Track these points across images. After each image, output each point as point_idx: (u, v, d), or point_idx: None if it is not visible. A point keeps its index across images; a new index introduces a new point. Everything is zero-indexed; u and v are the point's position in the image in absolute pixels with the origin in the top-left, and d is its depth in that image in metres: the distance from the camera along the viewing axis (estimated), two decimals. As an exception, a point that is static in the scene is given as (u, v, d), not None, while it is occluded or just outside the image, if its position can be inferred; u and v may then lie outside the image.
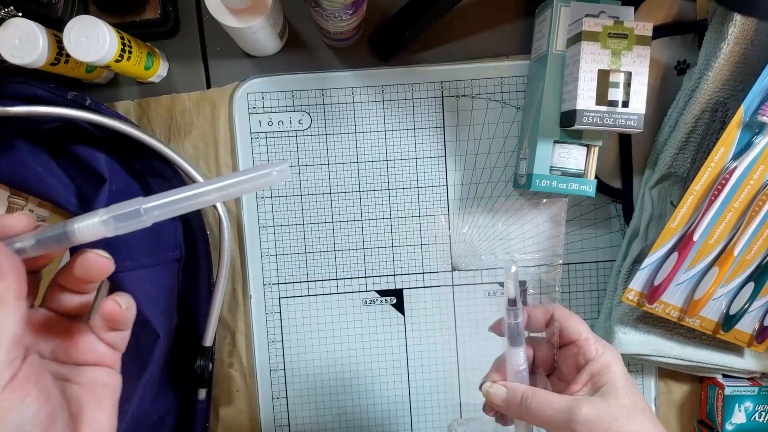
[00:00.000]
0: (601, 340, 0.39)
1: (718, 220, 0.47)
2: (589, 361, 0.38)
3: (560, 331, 0.40)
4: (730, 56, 0.47)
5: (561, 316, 0.40)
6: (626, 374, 0.38)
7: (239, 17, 0.43)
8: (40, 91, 0.47)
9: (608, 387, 0.37)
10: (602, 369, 0.38)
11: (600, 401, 0.36)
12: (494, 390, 0.40)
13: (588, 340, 0.39)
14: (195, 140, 0.54)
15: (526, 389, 0.38)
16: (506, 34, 0.54)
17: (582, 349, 0.39)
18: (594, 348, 0.39)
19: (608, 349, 0.39)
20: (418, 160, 0.54)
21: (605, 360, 0.38)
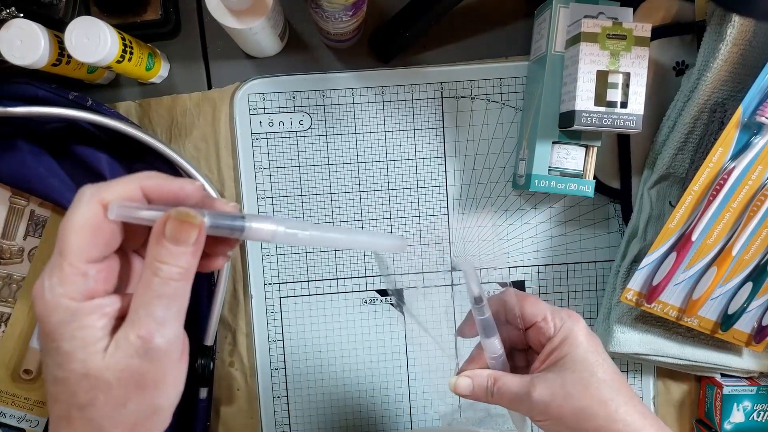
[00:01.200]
0: (560, 313, 0.38)
1: (716, 220, 0.47)
2: (548, 338, 0.38)
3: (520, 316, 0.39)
4: (729, 57, 0.48)
5: (516, 303, 0.39)
6: (587, 344, 0.37)
7: (240, 18, 0.43)
8: (42, 92, 0.48)
9: (565, 360, 0.36)
10: (560, 343, 0.37)
11: (555, 377, 0.36)
12: (461, 382, 0.39)
13: (546, 318, 0.38)
14: (196, 141, 0.54)
15: (489, 375, 0.38)
16: (505, 35, 0.54)
17: (541, 330, 0.38)
18: (552, 325, 0.38)
19: (568, 320, 0.38)
20: (417, 160, 0.55)
21: (564, 333, 0.37)
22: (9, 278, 0.53)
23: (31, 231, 0.53)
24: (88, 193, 0.27)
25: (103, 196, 0.26)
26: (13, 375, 0.53)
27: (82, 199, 0.27)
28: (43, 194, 0.49)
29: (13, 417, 0.53)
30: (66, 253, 0.26)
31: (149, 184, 0.28)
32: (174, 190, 0.28)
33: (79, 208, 0.26)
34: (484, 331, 0.39)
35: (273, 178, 0.54)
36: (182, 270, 0.26)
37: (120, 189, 0.27)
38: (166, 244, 0.26)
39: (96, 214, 0.26)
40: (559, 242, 0.55)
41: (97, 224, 0.26)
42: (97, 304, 0.26)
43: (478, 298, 0.38)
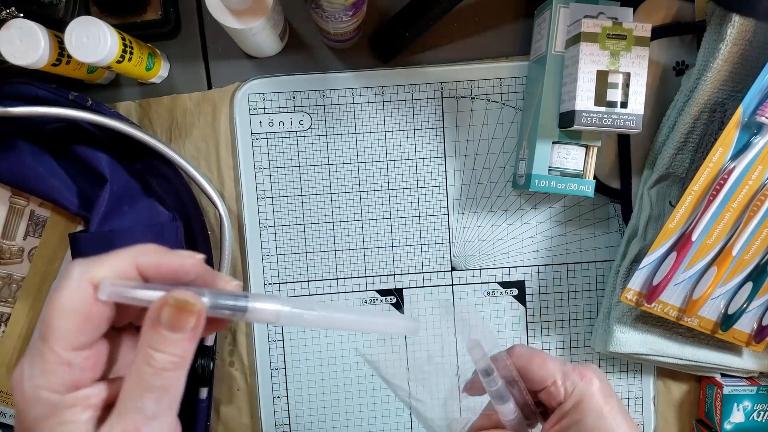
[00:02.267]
0: (571, 375, 0.36)
1: (716, 220, 0.47)
2: (559, 403, 0.36)
3: (527, 380, 0.37)
4: (729, 57, 0.48)
5: (522, 365, 0.37)
6: (602, 409, 0.35)
7: (240, 18, 0.43)
8: (42, 92, 0.48)
9: (578, 428, 0.35)
10: (571, 409, 0.35)
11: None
12: None
13: (555, 383, 0.36)
14: (196, 141, 0.54)
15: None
16: (505, 36, 0.54)
17: (552, 395, 0.36)
18: (562, 390, 0.36)
19: (580, 383, 0.36)
20: (417, 160, 0.55)
21: (574, 399, 0.36)
22: (9, 278, 0.53)
23: (31, 231, 0.53)
24: (77, 271, 0.24)
25: (93, 274, 0.24)
26: (13, 375, 0.53)
27: (71, 276, 0.24)
28: (43, 194, 0.49)
29: (13, 417, 0.53)
30: (49, 338, 0.23)
31: (145, 261, 0.25)
32: (173, 267, 0.26)
33: (67, 289, 0.24)
34: (497, 399, 0.37)
35: (273, 178, 0.54)
36: (177, 359, 0.24)
37: (112, 266, 0.25)
38: (161, 331, 0.24)
39: (85, 296, 0.24)
40: (559, 242, 0.55)
41: (85, 308, 0.24)
42: (81, 395, 0.24)
43: (486, 371, 0.37)
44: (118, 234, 0.46)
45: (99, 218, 0.46)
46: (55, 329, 0.23)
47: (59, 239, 0.53)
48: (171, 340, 0.24)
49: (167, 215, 0.51)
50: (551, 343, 0.56)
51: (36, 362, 0.23)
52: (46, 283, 0.53)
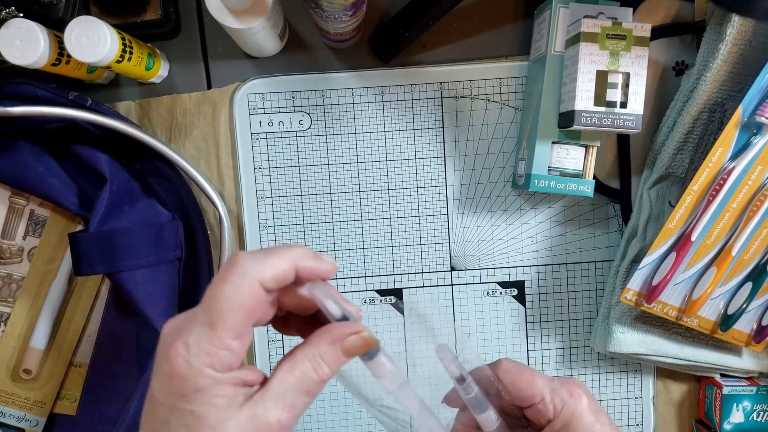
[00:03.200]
0: (560, 392, 0.35)
1: (716, 220, 0.47)
2: (549, 421, 0.35)
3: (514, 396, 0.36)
4: (728, 57, 0.48)
5: (509, 381, 0.36)
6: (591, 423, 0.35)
7: (240, 18, 0.43)
8: (42, 92, 0.48)
9: None
10: (564, 428, 0.35)
11: None
12: None
13: (543, 401, 0.35)
14: (196, 140, 0.54)
15: None
16: (505, 35, 0.54)
17: (540, 412, 0.35)
18: (551, 408, 0.35)
19: (569, 401, 0.35)
20: (417, 160, 0.55)
21: (565, 418, 0.35)
22: (9, 278, 0.53)
23: (30, 231, 0.53)
24: (243, 269, 0.27)
25: (261, 275, 0.27)
26: (13, 375, 0.53)
27: (237, 272, 0.27)
28: (43, 194, 0.49)
29: (13, 417, 0.53)
30: (218, 326, 0.26)
31: (304, 266, 0.29)
32: (320, 274, 0.29)
33: (237, 285, 0.27)
34: (475, 408, 0.36)
35: (273, 178, 0.54)
36: (333, 374, 0.29)
37: (275, 267, 0.27)
38: (338, 350, 0.28)
39: (253, 292, 0.27)
40: (558, 242, 0.55)
41: (252, 303, 0.27)
42: (234, 375, 0.27)
43: (460, 378, 0.36)
44: (118, 234, 0.46)
45: (99, 218, 0.46)
46: (224, 319, 0.26)
47: (59, 239, 0.53)
48: (340, 360, 0.28)
49: (167, 215, 0.51)
50: (551, 343, 0.56)
51: (202, 343, 0.26)
52: (46, 282, 0.53)
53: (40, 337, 0.52)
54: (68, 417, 0.54)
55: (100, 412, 0.54)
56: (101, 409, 0.54)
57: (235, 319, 0.26)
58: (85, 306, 0.53)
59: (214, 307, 0.26)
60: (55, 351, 0.53)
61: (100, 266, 0.46)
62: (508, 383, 0.36)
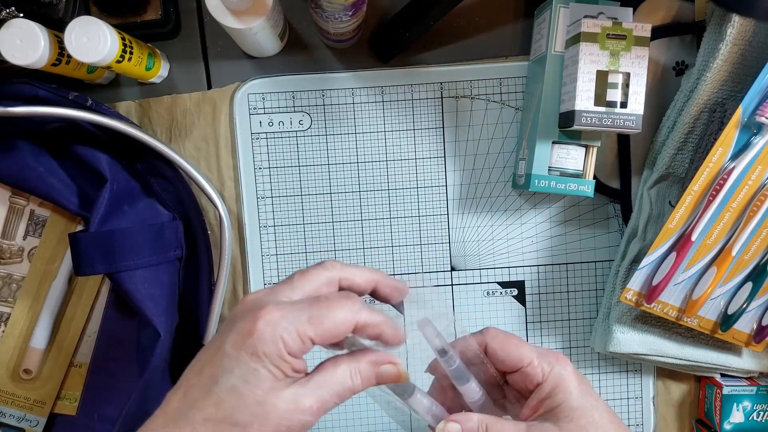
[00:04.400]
0: (547, 357, 0.36)
1: (716, 220, 0.47)
2: (537, 385, 0.36)
3: (501, 360, 0.37)
4: (729, 57, 0.48)
5: (498, 346, 0.37)
6: (579, 388, 0.35)
7: (240, 18, 0.43)
8: (42, 92, 0.48)
9: (561, 409, 0.35)
10: (552, 391, 0.35)
11: (552, 427, 0.34)
12: (449, 428, 0.36)
13: (532, 363, 0.36)
14: (196, 140, 0.54)
15: (480, 420, 0.35)
16: (505, 35, 0.54)
17: (528, 376, 0.36)
18: (540, 371, 0.36)
19: (556, 364, 0.36)
20: (417, 160, 0.55)
21: (554, 380, 0.35)
22: (9, 278, 0.53)
23: (30, 231, 0.53)
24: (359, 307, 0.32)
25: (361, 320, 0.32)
26: (13, 375, 0.53)
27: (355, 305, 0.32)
28: (43, 194, 0.49)
29: (13, 417, 0.53)
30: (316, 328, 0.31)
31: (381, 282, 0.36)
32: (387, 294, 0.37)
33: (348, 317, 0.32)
34: (458, 380, 0.37)
35: (273, 178, 0.54)
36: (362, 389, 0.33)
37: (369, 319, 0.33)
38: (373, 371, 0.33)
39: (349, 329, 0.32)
40: (558, 242, 0.55)
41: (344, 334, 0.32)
42: (296, 361, 0.31)
43: (442, 350, 0.36)
44: (118, 234, 0.46)
45: (99, 218, 0.46)
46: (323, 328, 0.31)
47: (59, 239, 0.53)
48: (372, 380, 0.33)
49: (167, 215, 0.51)
50: (551, 344, 0.56)
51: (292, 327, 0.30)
52: (46, 282, 0.53)
53: (40, 337, 0.52)
54: (68, 417, 0.54)
55: (100, 412, 0.54)
56: (101, 409, 0.54)
57: (330, 334, 0.31)
58: (85, 306, 0.53)
59: (325, 317, 0.31)
60: (55, 351, 0.53)
61: (100, 266, 0.46)
62: (497, 347, 0.37)
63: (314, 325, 0.30)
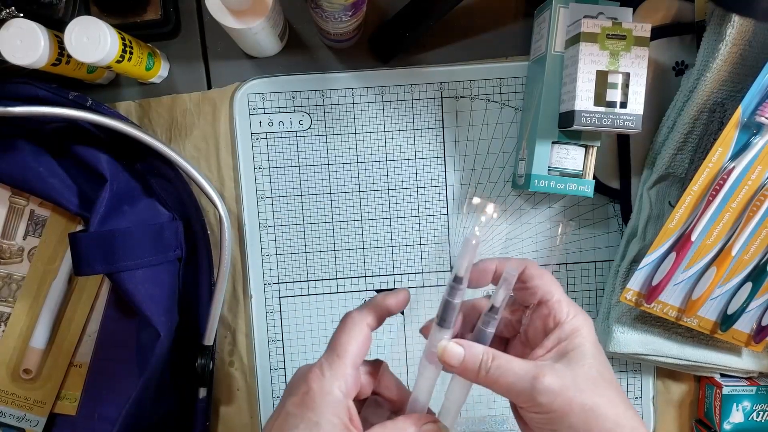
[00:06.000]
0: (573, 304, 0.36)
1: (716, 221, 0.47)
2: (559, 324, 0.35)
3: (531, 290, 0.36)
4: (728, 57, 0.48)
5: (534, 274, 0.36)
6: (596, 342, 0.35)
7: (240, 18, 0.43)
8: (42, 92, 0.48)
9: (576, 353, 0.34)
10: (572, 333, 0.34)
11: (565, 369, 0.33)
12: (451, 349, 0.35)
13: (560, 301, 0.35)
14: (196, 140, 0.54)
15: (485, 351, 0.34)
16: (505, 36, 0.54)
17: (553, 311, 0.35)
18: (566, 310, 0.35)
19: (580, 313, 0.35)
20: (417, 160, 0.55)
21: (576, 324, 0.35)
22: (9, 278, 0.53)
23: (30, 231, 0.53)
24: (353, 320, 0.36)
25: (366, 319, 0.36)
26: (13, 375, 0.53)
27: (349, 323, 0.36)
28: (43, 194, 0.49)
29: (13, 417, 0.53)
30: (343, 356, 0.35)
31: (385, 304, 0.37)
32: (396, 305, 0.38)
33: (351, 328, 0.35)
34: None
35: (273, 178, 0.54)
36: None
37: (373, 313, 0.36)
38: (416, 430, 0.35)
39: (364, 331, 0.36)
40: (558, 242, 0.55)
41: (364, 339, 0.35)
42: (350, 404, 0.34)
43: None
44: (118, 234, 0.46)
45: (99, 218, 0.46)
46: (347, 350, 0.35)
47: (59, 239, 0.53)
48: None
49: (167, 215, 0.51)
50: (551, 343, 0.56)
51: (332, 368, 0.34)
52: (46, 282, 0.53)
53: (40, 337, 0.52)
54: (68, 417, 0.54)
55: (100, 412, 0.54)
56: (101, 409, 0.54)
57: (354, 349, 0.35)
58: (85, 306, 0.53)
59: (339, 346, 0.35)
60: (55, 351, 0.53)
61: (100, 266, 0.46)
62: (535, 274, 0.36)
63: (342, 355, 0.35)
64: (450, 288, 0.35)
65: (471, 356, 0.35)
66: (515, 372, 0.33)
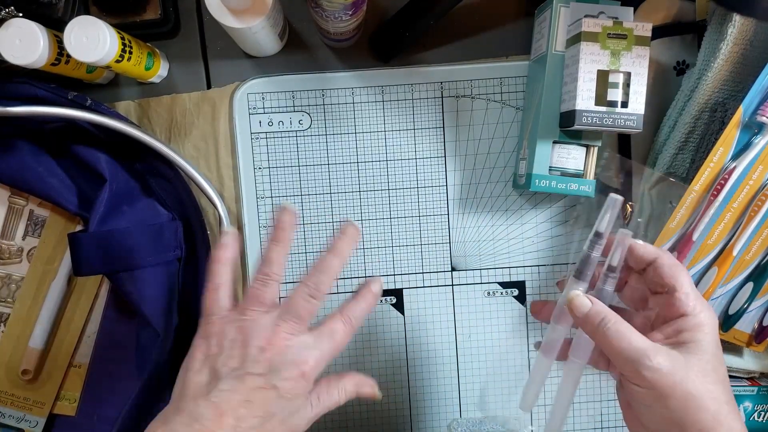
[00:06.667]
0: (702, 300, 0.37)
1: (717, 220, 0.47)
2: (683, 315, 0.36)
3: (662, 278, 0.38)
4: (729, 56, 0.48)
5: (667, 263, 0.38)
6: (717, 342, 0.36)
7: (239, 18, 0.43)
8: (41, 92, 0.47)
9: (695, 346, 0.35)
10: (695, 327, 0.35)
11: (679, 356, 0.34)
12: (579, 301, 0.38)
13: (689, 294, 0.36)
14: (195, 140, 0.54)
15: (611, 313, 0.37)
16: (506, 35, 0.54)
17: (679, 302, 0.36)
18: (692, 304, 0.36)
19: (707, 310, 0.36)
20: (417, 160, 0.55)
21: (702, 319, 0.36)
22: (8, 278, 0.53)
23: (30, 231, 0.53)
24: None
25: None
26: (12, 375, 0.53)
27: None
28: (42, 194, 0.49)
29: (12, 417, 0.53)
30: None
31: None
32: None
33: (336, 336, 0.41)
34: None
35: (272, 178, 0.54)
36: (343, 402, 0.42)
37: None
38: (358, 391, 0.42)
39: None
40: (559, 242, 0.55)
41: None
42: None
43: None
44: (117, 234, 0.46)
45: (98, 218, 0.46)
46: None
47: (58, 239, 0.53)
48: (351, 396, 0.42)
49: (166, 215, 0.51)
50: (551, 344, 0.56)
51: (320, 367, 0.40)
52: (45, 283, 0.53)
53: (39, 338, 0.52)
54: (68, 417, 0.54)
55: (100, 412, 0.54)
56: (101, 410, 0.54)
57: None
58: (85, 306, 0.53)
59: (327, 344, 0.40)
60: (54, 351, 0.53)
61: (99, 266, 0.46)
62: (665, 264, 0.38)
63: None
64: (590, 242, 0.39)
65: (596, 311, 0.37)
66: (631, 341, 0.35)
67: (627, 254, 0.40)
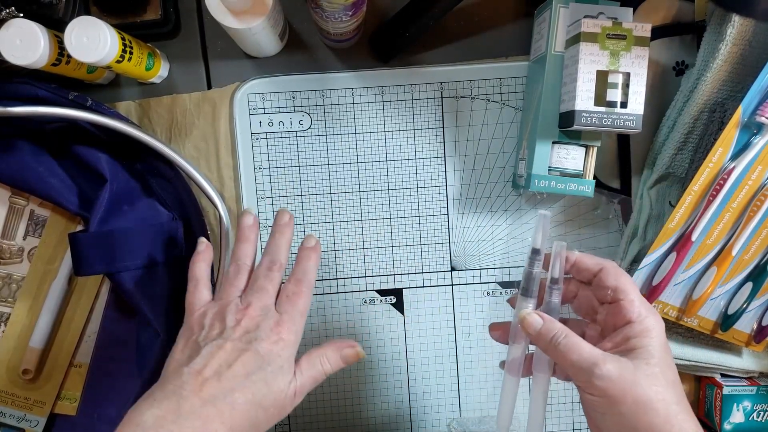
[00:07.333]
0: (647, 306, 0.38)
1: (716, 220, 0.47)
2: (629, 322, 0.37)
3: (607, 288, 0.39)
4: (729, 57, 0.48)
5: (612, 273, 0.39)
6: (665, 345, 0.37)
7: (240, 18, 0.43)
8: (42, 92, 0.48)
9: (642, 351, 0.36)
10: (641, 333, 0.37)
11: (628, 362, 0.35)
12: (531, 318, 0.39)
13: (633, 302, 0.38)
14: (196, 140, 0.54)
15: (561, 328, 0.38)
16: (505, 35, 0.54)
17: (625, 309, 0.37)
18: (637, 311, 0.37)
19: (652, 315, 0.37)
20: (417, 160, 0.55)
21: (647, 325, 0.37)
22: (9, 278, 0.53)
23: (30, 231, 0.53)
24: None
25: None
26: (13, 375, 0.53)
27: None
28: (42, 194, 0.49)
29: (13, 417, 0.53)
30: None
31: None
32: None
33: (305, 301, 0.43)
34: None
35: (273, 178, 0.54)
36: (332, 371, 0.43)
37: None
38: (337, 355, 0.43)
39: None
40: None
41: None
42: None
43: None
44: (118, 234, 0.46)
45: (98, 218, 0.46)
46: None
47: (59, 239, 0.53)
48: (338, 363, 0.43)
49: (167, 215, 0.51)
50: (551, 343, 0.56)
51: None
52: (46, 282, 0.53)
53: (40, 337, 0.52)
54: (68, 417, 0.54)
55: (100, 412, 0.54)
56: (101, 409, 0.54)
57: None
58: (85, 306, 0.53)
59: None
60: (55, 351, 0.53)
61: (100, 266, 0.46)
62: (610, 273, 0.39)
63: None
64: (529, 260, 0.40)
65: (547, 329, 0.38)
66: (581, 352, 0.36)
67: (573, 267, 0.41)
